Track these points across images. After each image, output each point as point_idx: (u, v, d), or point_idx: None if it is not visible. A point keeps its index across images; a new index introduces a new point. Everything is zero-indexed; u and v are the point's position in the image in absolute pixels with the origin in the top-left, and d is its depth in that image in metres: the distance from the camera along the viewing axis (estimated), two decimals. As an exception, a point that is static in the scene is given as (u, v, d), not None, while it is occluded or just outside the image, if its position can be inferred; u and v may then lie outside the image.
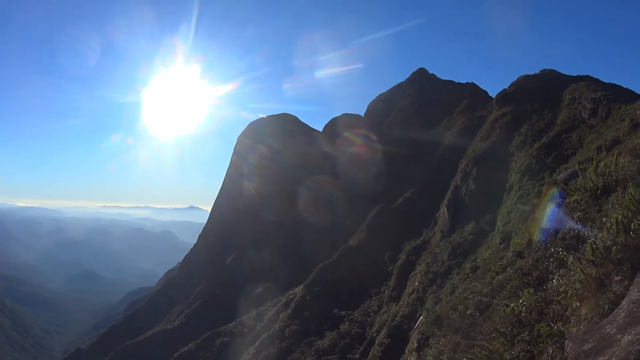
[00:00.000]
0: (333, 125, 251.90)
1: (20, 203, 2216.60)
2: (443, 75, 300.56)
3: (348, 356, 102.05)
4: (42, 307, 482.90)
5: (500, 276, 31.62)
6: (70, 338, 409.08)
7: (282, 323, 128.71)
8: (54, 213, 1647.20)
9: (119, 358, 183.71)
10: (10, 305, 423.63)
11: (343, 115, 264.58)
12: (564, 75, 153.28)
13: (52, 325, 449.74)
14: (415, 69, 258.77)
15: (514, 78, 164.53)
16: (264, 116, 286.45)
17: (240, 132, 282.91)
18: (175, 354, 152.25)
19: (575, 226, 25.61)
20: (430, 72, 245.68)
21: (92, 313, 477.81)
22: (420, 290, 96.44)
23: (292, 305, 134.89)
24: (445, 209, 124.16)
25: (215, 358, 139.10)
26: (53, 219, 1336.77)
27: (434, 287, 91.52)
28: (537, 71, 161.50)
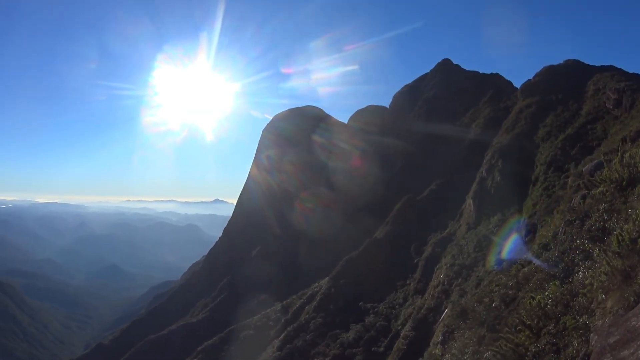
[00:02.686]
0: (358, 117, 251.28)
1: (42, 199, 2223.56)
2: (467, 66, 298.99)
3: (373, 349, 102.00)
4: (63, 302, 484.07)
5: (525, 269, 31.49)
6: (91, 333, 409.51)
7: (307, 316, 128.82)
8: (76, 208, 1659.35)
9: (141, 352, 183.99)
10: (30, 302, 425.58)
11: (368, 106, 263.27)
12: (588, 65, 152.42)
13: (73, 320, 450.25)
14: (439, 59, 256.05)
15: (537, 68, 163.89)
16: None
17: (264, 126, 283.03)
18: (199, 348, 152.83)
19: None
20: (455, 62, 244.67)
21: (115, 308, 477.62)
22: (445, 282, 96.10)
23: (318, 298, 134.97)
24: (471, 201, 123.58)
25: (239, 351, 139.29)
26: (76, 215, 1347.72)
27: (460, 279, 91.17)
28: (561, 61, 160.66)
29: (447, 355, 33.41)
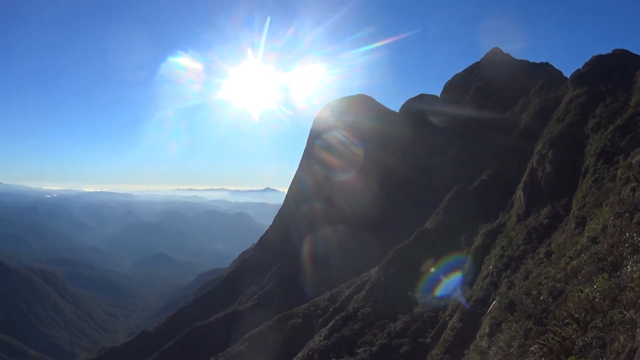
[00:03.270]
0: (410, 106, 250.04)
1: (89, 188, 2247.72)
2: (517, 55, 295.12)
3: (420, 340, 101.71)
4: (108, 290, 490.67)
5: (574, 262, 31.33)
6: (136, 321, 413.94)
7: (355, 305, 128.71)
8: (124, 197, 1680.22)
9: (186, 340, 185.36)
10: (73, 290, 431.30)
11: (420, 95, 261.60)
12: (637, 55, 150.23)
13: (118, 308, 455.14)
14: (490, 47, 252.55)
15: (586, 58, 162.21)
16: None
17: (317, 114, 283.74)
18: (246, 335, 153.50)
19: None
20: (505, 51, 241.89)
21: (162, 296, 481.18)
22: (494, 274, 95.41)
23: (367, 287, 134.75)
24: (522, 192, 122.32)
25: (286, 339, 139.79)
26: (123, 203, 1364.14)
27: (508, 271, 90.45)
28: (609, 51, 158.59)
29: (493, 348, 33.48)
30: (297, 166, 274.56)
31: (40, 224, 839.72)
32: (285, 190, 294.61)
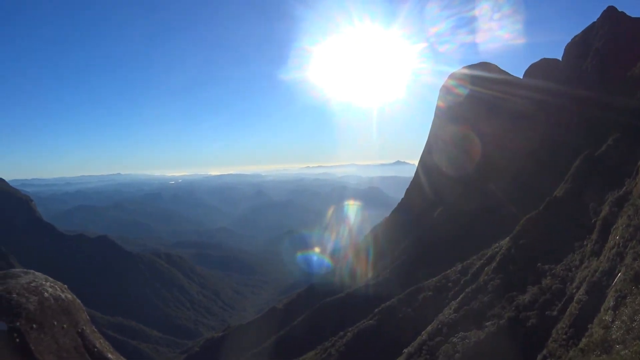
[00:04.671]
0: (532, 72, 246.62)
1: (215, 172, 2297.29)
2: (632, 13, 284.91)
3: (546, 313, 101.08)
4: (237, 269, 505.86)
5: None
6: (266, 298, 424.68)
7: (486, 277, 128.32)
8: (253, 178, 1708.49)
9: (316, 315, 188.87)
10: (200, 271, 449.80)
11: (541, 60, 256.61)
12: None
13: (247, 287, 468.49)
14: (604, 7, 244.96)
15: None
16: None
17: (441, 85, 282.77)
18: (376, 310, 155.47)
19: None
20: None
21: (292, 273, 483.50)
22: (620, 244, 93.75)
23: (497, 259, 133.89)
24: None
25: (416, 313, 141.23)
26: (252, 184, 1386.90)
27: (634, 241, 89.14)
28: None
29: (616, 322, 34.07)
30: (427, 137, 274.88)
31: (163, 209, 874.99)
32: (416, 163, 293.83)
